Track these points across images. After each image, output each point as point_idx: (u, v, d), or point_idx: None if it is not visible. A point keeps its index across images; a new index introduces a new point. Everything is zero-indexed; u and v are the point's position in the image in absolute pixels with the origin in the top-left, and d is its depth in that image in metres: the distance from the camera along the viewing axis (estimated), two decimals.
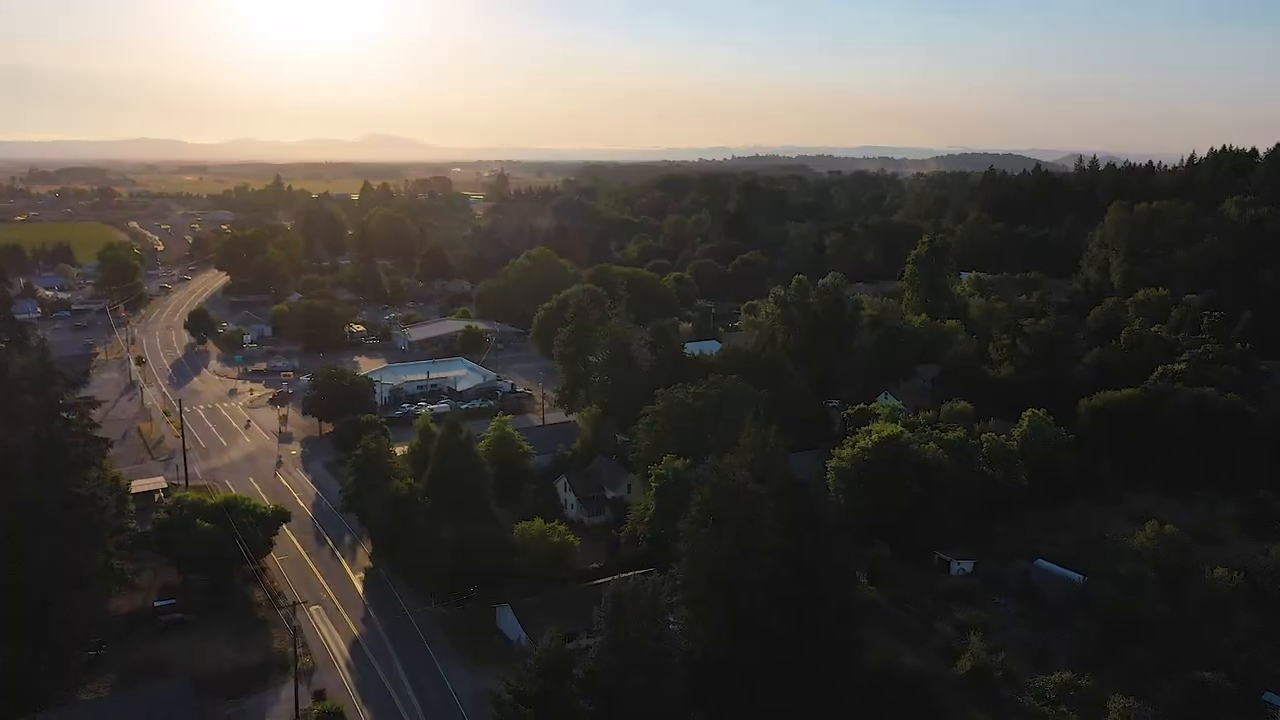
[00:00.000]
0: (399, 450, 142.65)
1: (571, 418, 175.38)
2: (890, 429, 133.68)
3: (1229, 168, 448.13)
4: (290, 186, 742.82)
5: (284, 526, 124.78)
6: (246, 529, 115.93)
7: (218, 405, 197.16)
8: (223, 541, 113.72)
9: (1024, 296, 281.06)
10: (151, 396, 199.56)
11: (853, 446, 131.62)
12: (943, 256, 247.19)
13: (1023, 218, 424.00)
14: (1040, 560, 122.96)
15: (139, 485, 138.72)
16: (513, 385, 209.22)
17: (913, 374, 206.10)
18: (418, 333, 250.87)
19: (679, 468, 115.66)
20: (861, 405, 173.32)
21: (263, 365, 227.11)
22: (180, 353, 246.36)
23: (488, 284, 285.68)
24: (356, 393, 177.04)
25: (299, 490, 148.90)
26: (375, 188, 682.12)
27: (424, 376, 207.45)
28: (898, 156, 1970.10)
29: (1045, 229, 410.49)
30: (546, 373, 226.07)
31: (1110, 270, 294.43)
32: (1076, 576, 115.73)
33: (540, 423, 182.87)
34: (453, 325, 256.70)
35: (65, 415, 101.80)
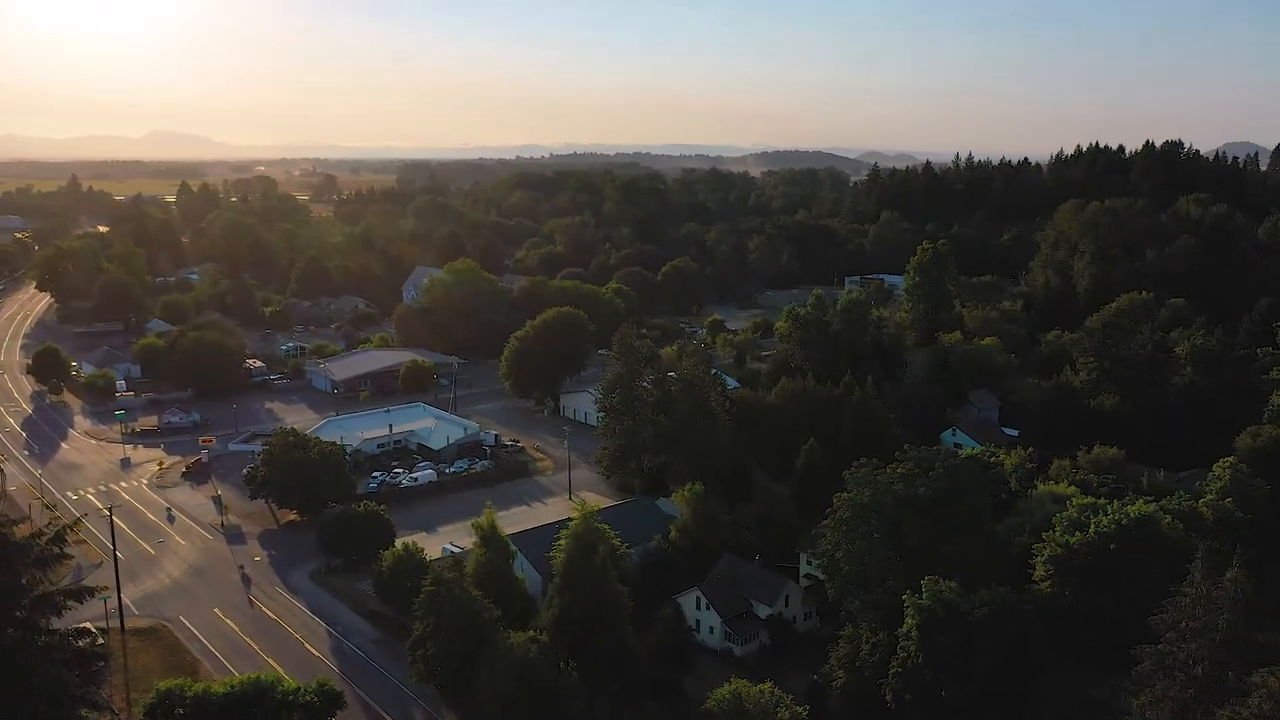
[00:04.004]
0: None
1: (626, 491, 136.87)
2: (1129, 508, 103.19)
3: (1104, 165, 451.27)
4: (90, 187, 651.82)
5: None
6: None
7: (113, 486, 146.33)
8: None
9: (1009, 303, 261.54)
10: (13, 477, 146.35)
11: (1077, 531, 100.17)
12: (944, 263, 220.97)
13: (915, 217, 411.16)
14: None
15: None
16: (497, 437, 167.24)
17: (966, 403, 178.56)
18: (341, 369, 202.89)
19: (950, 595, 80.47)
20: (973, 450, 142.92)
21: (153, 422, 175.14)
22: (28, 407, 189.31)
23: (406, 304, 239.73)
24: (328, 466, 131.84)
25: (300, 627, 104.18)
26: (195, 189, 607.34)
27: (385, 431, 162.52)
28: (712, 154, 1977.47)
29: (954, 227, 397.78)
30: (519, 416, 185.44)
31: (1074, 273, 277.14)
32: None
33: (569, 493, 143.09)
34: (386, 357, 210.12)
35: (21, 614, 56.89)
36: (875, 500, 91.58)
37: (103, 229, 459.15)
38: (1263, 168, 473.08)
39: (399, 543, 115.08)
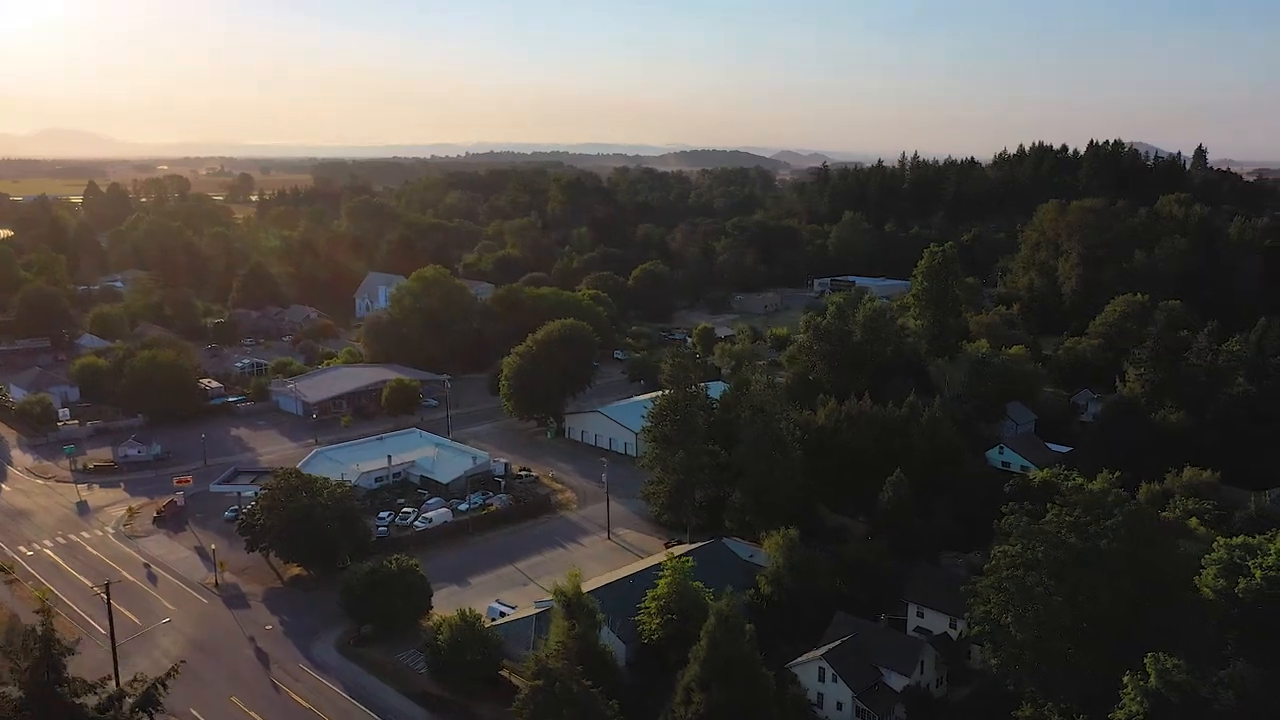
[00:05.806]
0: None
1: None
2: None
3: (1050, 165, 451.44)
4: None
5: None
6: None
7: (73, 536, 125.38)
8: None
9: (1004, 307, 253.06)
10: None
11: (1239, 577, 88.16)
12: (953, 267, 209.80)
13: (870, 217, 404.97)
14: None
15: None
16: (507, 466, 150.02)
17: (1004, 417, 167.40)
18: (312, 389, 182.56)
19: (1181, 677, 67.25)
20: (1034, 470, 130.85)
21: (107, 456, 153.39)
22: None
23: (375, 315, 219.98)
24: (340, 513, 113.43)
25: (340, 716, 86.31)
26: (104, 189, 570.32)
27: (384, 463, 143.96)
28: (630, 153, 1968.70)
29: (914, 228, 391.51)
30: (521, 440, 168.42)
31: (1059, 275, 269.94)
32: None
33: (607, 532, 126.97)
34: (362, 375, 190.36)
35: None
36: (1049, 556, 77.96)
37: (7, 233, 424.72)
38: (1185, 168, 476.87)
39: (449, 605, 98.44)
